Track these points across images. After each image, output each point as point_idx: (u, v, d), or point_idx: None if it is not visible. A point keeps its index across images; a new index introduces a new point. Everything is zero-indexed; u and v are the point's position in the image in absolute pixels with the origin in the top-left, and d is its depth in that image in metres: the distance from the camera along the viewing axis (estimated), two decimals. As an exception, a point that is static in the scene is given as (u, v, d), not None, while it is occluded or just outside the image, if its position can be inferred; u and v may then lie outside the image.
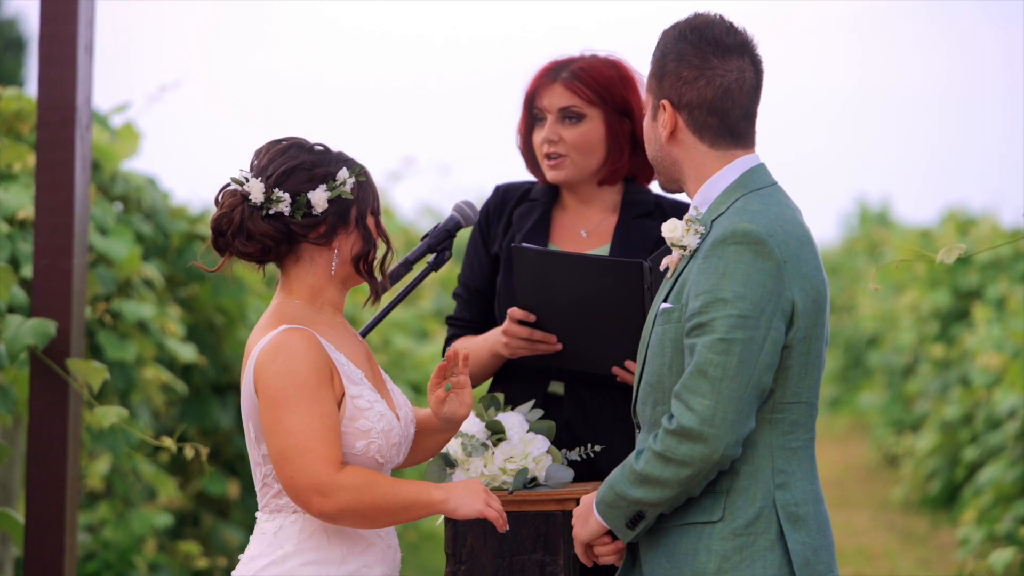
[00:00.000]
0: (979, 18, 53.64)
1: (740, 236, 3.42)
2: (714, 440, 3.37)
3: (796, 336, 3.44)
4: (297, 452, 3.39)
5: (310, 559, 3.48)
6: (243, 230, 3.51)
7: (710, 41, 3.55)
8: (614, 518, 3.51)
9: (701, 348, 3.40)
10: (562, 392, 4.33)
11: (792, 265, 3.44)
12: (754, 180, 3.55)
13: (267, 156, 3.54)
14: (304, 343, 3.44)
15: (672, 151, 3.58)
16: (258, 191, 3.50)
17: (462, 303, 4.48)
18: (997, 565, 7.14)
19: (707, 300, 3.41)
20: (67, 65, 5.21)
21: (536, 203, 4.44)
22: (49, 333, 5.03)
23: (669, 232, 3.54)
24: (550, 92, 4.35)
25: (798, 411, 3.49)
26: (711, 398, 3.38)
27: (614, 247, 4.37)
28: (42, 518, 5.17)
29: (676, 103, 3.56)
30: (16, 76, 27.44)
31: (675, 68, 3.55)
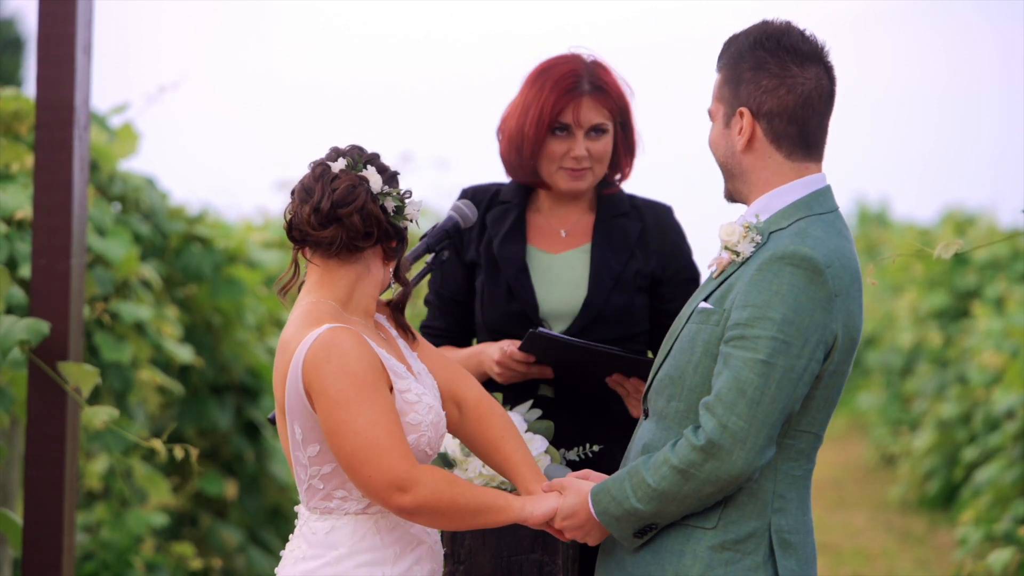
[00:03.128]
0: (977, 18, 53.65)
1: (799, 260, 3.39)
2: (742, 461, 3.36)
3: (828, 369, 3.44)
4: (372, 451, 3.39)
5: (365, 560, 3.49)
6: (364, 212, 3.48)
7: (788, 48, 3.52)
8: (621, 528, 3.48)
9: (741, 364, 3.37)
10: (552, 395, 4.32)
11: (841, 300, 3.42)
12: (820, 202, 3.53)
13: (368, 153, 3.56)
14: (354, 340, 3.44)
15: (745, 160, 3.55)
16: (376, 178, 3.51)
17: (435, 311, 4.44)
18: (995, 565, 7.14)
19: (755, 315, 3.38)
20: (65, 65, 5.21)
21: (509, 205, 4.41)
22: (42, 332, 5.02)
23: (726, 235, 3.51)
24: (581, 107, 4.29)
25: (807, 441, 3.48)
26: (746, 419, 3.35)
27: (595, 246, 4.35)
28: (40, 519, 5.17)
29: (755, 111, 3.51)
30: (14, 76, 27.43)
31: (753, 76, 3.51)
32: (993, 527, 8.96)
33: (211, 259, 7.36)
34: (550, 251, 4.39)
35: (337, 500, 3.51)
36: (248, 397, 8.01)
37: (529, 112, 4.31)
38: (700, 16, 28.46)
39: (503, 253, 4.34)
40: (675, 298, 4.32)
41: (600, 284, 4.30)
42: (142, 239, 6.91)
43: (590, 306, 4.29)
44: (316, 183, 3.51)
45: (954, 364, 12.60)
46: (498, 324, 4.32)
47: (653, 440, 3.54)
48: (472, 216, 4.25)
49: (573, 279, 4.35)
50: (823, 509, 12.43)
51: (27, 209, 5.76)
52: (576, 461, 4.22)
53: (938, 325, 13.23)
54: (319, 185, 3.50)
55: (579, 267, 4.36)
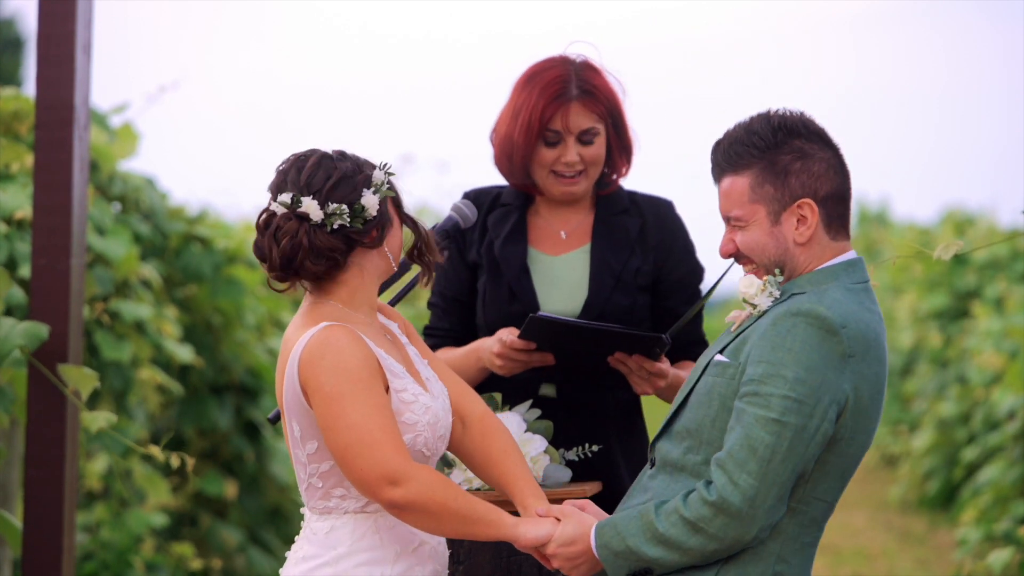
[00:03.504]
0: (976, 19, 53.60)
1: (813, 318, 3.37)
2: (751, 521, 3.34)
3: (842, 434, 3.41)
4: (364, 445, 3.39)
5: (364, 559, 3.48)
6: (314, 250, 3.48)
7: (816, 132, 3.51)
8: (617, 566, 3.46)
9: (753, 422, 3.35)
10: (553, 394, 4.32)
11: (855, 362, 3.39)
12: (849, 273, 3.50)
13: (304, 172, 3.51)
14: (349, 338, 3.44)
15: (800, 253, 3.51)
16: (315, 209, 3.47)
17: (439, 312, 4.43)
18: (995, 565, 7.14)
19: (768, 371, 3.36)
20: (65, 65, 5.21)
21: (510, 207, 4.39)
22: (40, 336, 5.02)
23: (745, 288, 3.49)
24: (569, 113, 4.26)
25: (820, 509, 3.46)
26: (757, 478, 3.33)
27: (595, 247, 4.35)
28: (40, 519, 5.17)
29: (815, 198, 3.48)
30: (14, 76, 27.43)
31: (803, 165, 3.47)
32: (993, 527, 8.96)
33: (211, 259, 7.36)
34: (551, 253, 4.38)
35: (336, 499, 3.51)
36: (248, 397, 8.01)
37: (518, 119, 4.29)
38: (700, 16, 28.49)
39: (504, 255, 4.34)
40: (673, 294, 4.31)
41: (601, 284, 4.30)
42: (142, 239, 6.91)
43: (591, 307, 4.29)
44: (263, 239, 3.52)
45: (954, 364, 12.59)
46: (499, 325, 4.31)
47: (663, 493, 3.50)
48: (472, 216, 4.25)
49: (574, 280, 4.34)
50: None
51: (27, 209, 5.76)
52: (575, 461, 4.22)
53: (938, 325, 13.23)
54: (266, 241, 3.51)
55: (580, 268, 4.35)
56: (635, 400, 4.38)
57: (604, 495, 4.20)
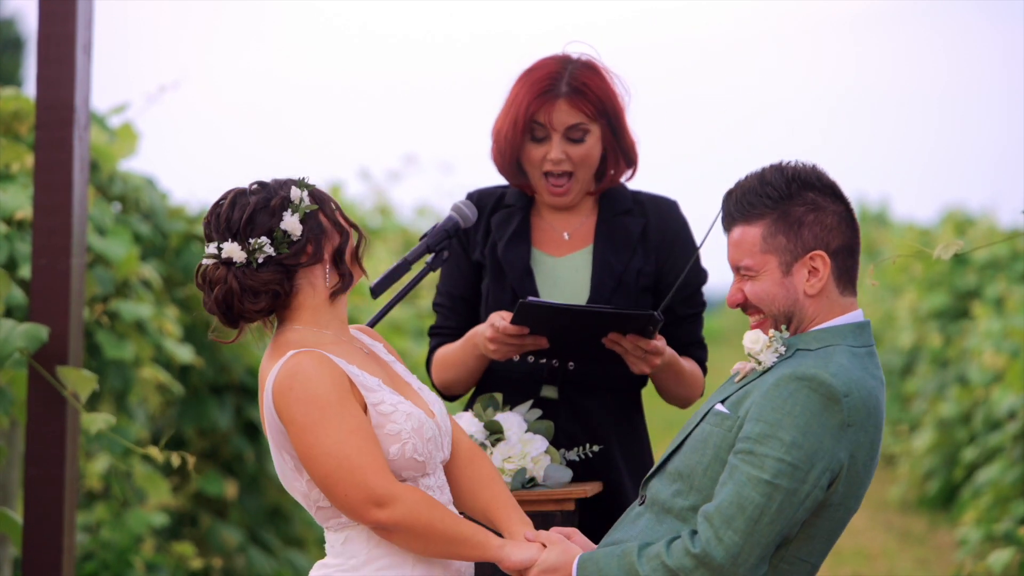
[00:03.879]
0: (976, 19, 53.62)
1: (817, 384, 3.38)
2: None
3: (832, 500, 3.42)
4: (344, 470, 3.39)
5: (383, 564, 3.47)
6: (247, 290, 3.48)
7: (829, 185, 3.52)
8: None
9: (745, 480, 3.36)
10: (555, 396, 4.31)
11: (854, 431, 3.40)
12: (856, 336, 3.50)
13: (221, 217, 3.51)
14: (315, 362, 3.43)
15: (810, 305, 3.52)
16: (236, 250, 3.48)
17: (445, 312, 4.43)
18: (995, 566, 7.14)
19: (765, 431, 3.37)
20: (65, 65, 5.21)
21: (513, 208, 4.39)
22: (40, 338, 5.02)
23: (750, 344, 3.49)
24: (554, 109, 4.26)
25: (804, 570, 3.47)
26: (742, 536, 3.34)
27: (597, 248, 4.34)
28: (40, 518, 5.17)
29: (827, 251, 3.49)
30: (14, 76, 27.42)
31: (816, 217, 3.48)
32: (993, 527, 8.95)
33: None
34: (554, 254, 4.38)
35: (345, 518, 3.49)
36: (248, 397, 8.01)
37: (509, 114, 4.30)
38: (700, 16, 28.49)
39: (507, 257, 4.34)
40: (675, 294, 4.30)
41: (601, 286, 4.29)
42: (142, 239, 6.91)
43: (592, 307, 4.28)
44: (203, 293, 3.54)
45: (954, 364, 12.59)
46: (503, 328, 4.31)
47: (648, 534, 3.51)
48: (472, 216, 4.25)
49: (576, 282, 4.34)
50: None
51: (27, 209, 5.76)
52: (576, 461, 4.22)
53: (938, 325, 13.22)
54: (205, 294, 3.54)
55: (582, 269, 4.35)
56: (636, 400, 4.38)
57: (604, 495, 4.20)
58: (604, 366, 4.23)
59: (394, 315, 9.61)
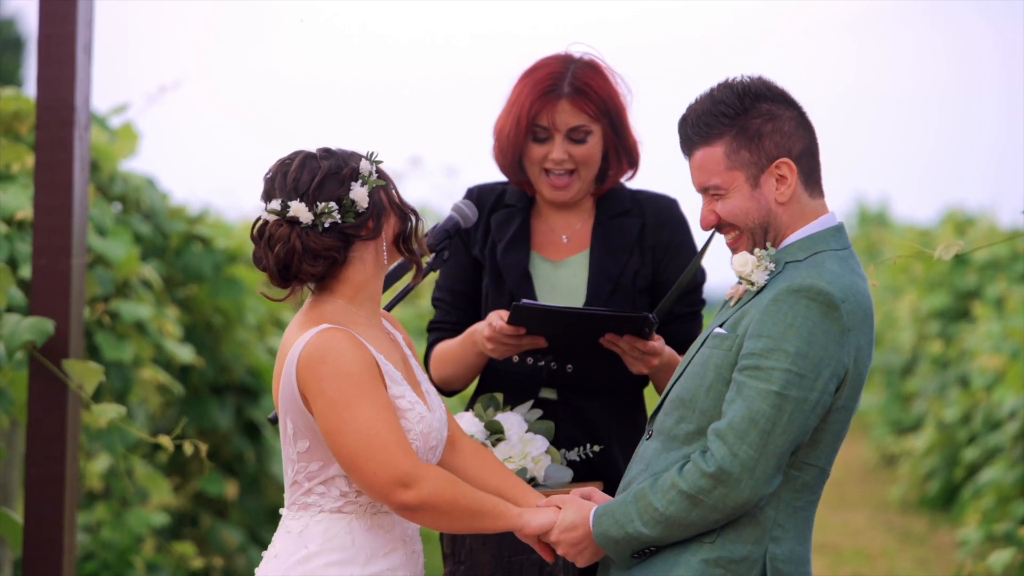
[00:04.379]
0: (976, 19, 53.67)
1: (816, 293, 3.42)
2: (750, 490, 3.38)
3: (837, 403, 3.46)
4: (374, 448, 3.40)
5: (334, 559, 3.49)
6: (309, 252, 3.48)
7: (779, 93, 3.56)
8: (619, 551, 3.50)
9: (755, 395, 3.39)
10: (554, 397, 4.31)
11: (854, 334, 3.44)
12: (836, 239, 3.55)
13: (289, 176, 3.51)
14: (349, 342, 3.45)
15: (783, 213, 3.56)
16: (304, 212, 3.48)
17: (445, 307, 4.43)
18: (996, 566, 7.14)
19: (769, 346, 3.41)
20: (66, 65, 5.21)
21: (514, 210, 4.39)
22: (47, 331, 5.03)
23: (740, 267, 3.53)
24: (557, 110, 4.26)
25: (812, 474, 3.50)
26: (757, 449, 3.38)
27: (594, 251, 4.34)
28: (41, 518, 5.17)
29: (791, 157, 3.53)
30: (14, 76, 27.42)
31: (774, 126, 3.52)
32: (994, 527, 8.95)
33: (211, 259, 7.36)
34: (553, 258, 4.37)
35: (315, 496, 3.52)
36: (248, 397, 8.01)
37: (511, 113, 4.30)
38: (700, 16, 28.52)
39: (507, 261, 4.33)
40: (673, 293, 4.29)
41: (598, 290, 4.29)
42: (142, 239, 6.91)
43: (589, 312, 4.28)
44: (259, 248, 3.54)
45: (955, 365, 12.59)
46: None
47: (657, 460, 3.55)
48: (472, 216, 4.25)
49: (574, 286, 4.34)
50: (823, 508, 12.41)
51: (27, 209, 5.76)
52: (576, 461, 4.22)
53: (939, 326, 13.22)
54: (261, 251, 3.53)
55: (580, 273, 4.35)
56: (636, 401, 4.38)
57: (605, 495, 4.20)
58: (603, 367, 4.23)
59: (395, 314, 9.63)
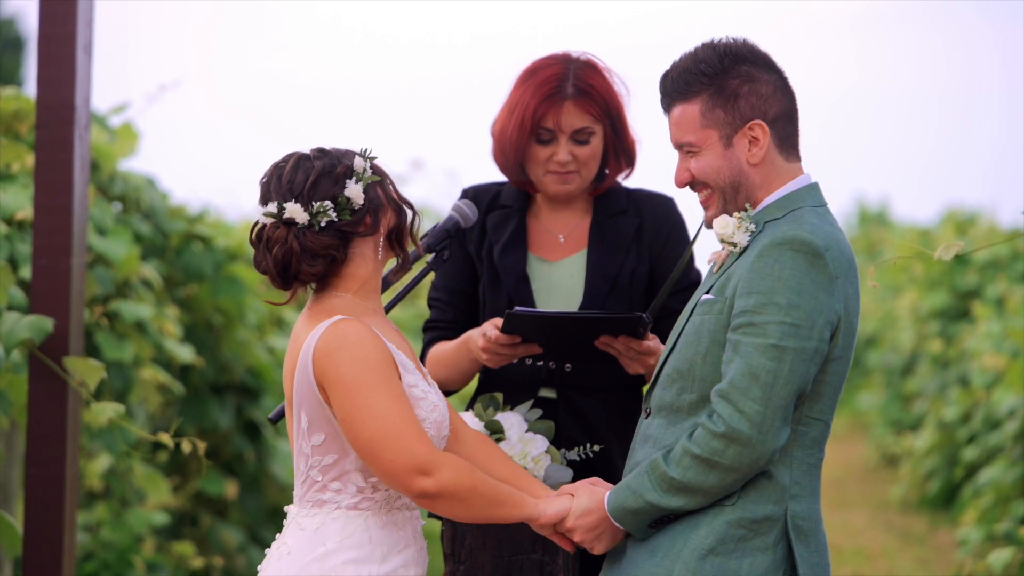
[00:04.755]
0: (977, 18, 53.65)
1: (799, 244, 3.44)
2: (762, 445, 3.40)
3: (834, 353, 3.48)
4: (392, 435, 3.41)
5: (352, 557, 3.49)
6: (307, 252, 3.51)
7: (762, 56, 3.59)
8: (637, 522, 3.52)
9: (752, 350, 3.41)
10: (554, 396, 4.32)
11: (841, 282, 3.47)
12: (812, 196, 3.58)
13: (284, 178, 3.53)
14: (366, 330, 3.47)
15: (756, 173, 3.58)
16: (300, 212, 3.50)
17: (442, 306, 4.43)
18: (996, 565, 7.13)
19: (761, 301, 3.43)
20: (66, 65, 5.21)
21: (510, 210, 4.39)
22: (46, 329, 5.03)
23: (720, 229, 3.56)
24: (562, 112, 4.26)
25: (818, 428, 3.53)
26: (762, 403, 3.39)
27: (591, 250, 4.34)
28: (41, 518, 5.17)
29: (766, 119, 3.56)
30: (15, 76, 27.43)
31: (750, 88, 3.55)
32: (994, 527, 8.96)
33: (212, 258, 7.36)
34: (549, 259, 4.38)
35: (331, 492, 3.52)
36: (249, 397, 8.01)
37: (513, 115, 4.30)
38: (700, 16, 28.52)
39: (504, 263, 4.34)
40: (670, 293, 4.29)
41: (595, 290, 4.30)
42: (143, 239, 6.91)
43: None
44: (258, 252, 3.56)
45: (955, 364, 12.60)
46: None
47: (664, 435, 3.56)
48: (473, 216, 4.25)
49: (571, 287, 4.34)
50: (824, 508, 12.39)
51: (28, 209, 5.76)
52: (576, 461, 4.22)
53: (939, 325, 13.23)
54: (261, 254, 3.55)
55: (577, 274, 4.35)
56: (636, 399, 4.38)
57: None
58: (602, 367, 4.24)
59: (395, 314, 9.62)
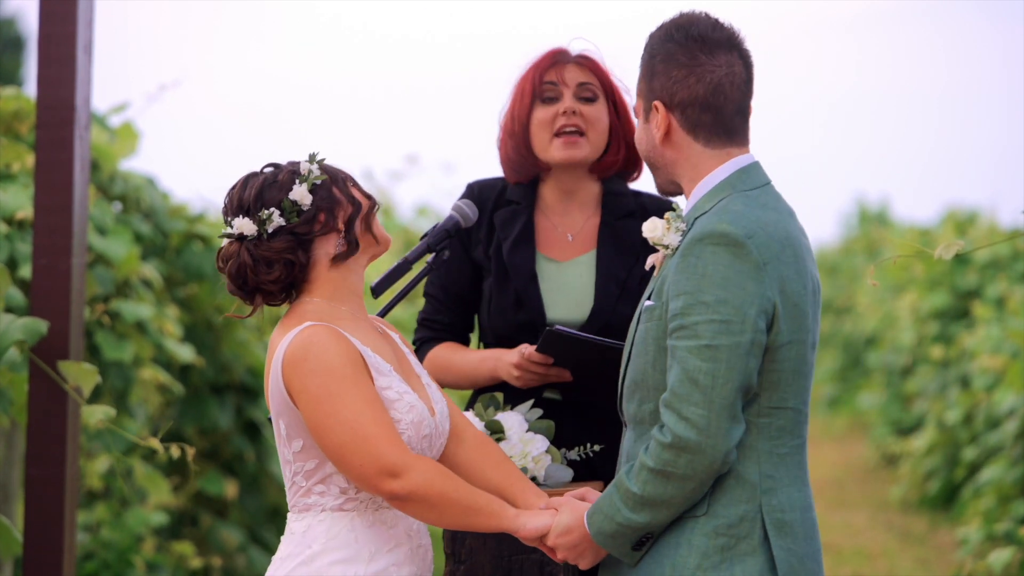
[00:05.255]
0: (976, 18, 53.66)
1: (718, 237, 3.39)
2: (712, 449, 3.35)
3: (779, 340, 3.41)
4: (359, 440, 3.41)
5: (338, 558, 3.49)
6: (259, 261, 3.54)
7: (696, 38, 3.54)
8: (618, 545, 3.47)
9: (687, 354, 3.36)
10: (557, 397, 4.32)
11: (772, 267, 3.40)
12: (744, 180, 3.53)
13: (234, 197, 3.58)
14: (331, 336, 3.46)
15: (667, 153, 3.56)
16: (247, 225, 3.54)
17: (437, 305, 4.42)
18: (995, 565, 7.14)
19: (688, 302, 3.38)
20: (66, 65, 5.21)
21: (517, 207, 4.39)
22: (39, 331, 5.02)
23: (650, 232, 3.52)
24: (566, 69, 4.32)
25: (785, 417, 3.46)
26: (704, 407, 3.34)
27: (600, 251, 4.35)
28: (41, 518, 5.17)
29: (668, 103, 3.54)
30: (15, 76, 27.43)
31: (664, 68, 3.54)
32: (994, 527, 8.96)
33: (212, 257, 7.36)
34: (558, 258, 4.37)
35: (315, 496, 3.52)
36: (249, 397, 8.01)
37: (517, 90, 4.35)
38: (701, 16, 28.43)
39: (513, 261, 4.33)
40: None
41: (606, 293, 4.30)
42: (143, 238, 6.91)
43: (597, 316, 4.28)
44: (221, 272, 3.62)
45: (955, 365, 12.60)
46: (505, 332, 4.32)
47: (632, 448, 3.55)
48: (473, 216, 4.25)
49: (580, 288, 4.34)
50: (824, 508, 12.43)
51: (28, 209, 5.77)
52: (577, 461, 4.21)
53: (939, 326, 13.23)
54: (224, 273, 3.62)
55: (586, 275, 4.35)
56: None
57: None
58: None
59: (395, 314, 9.62)
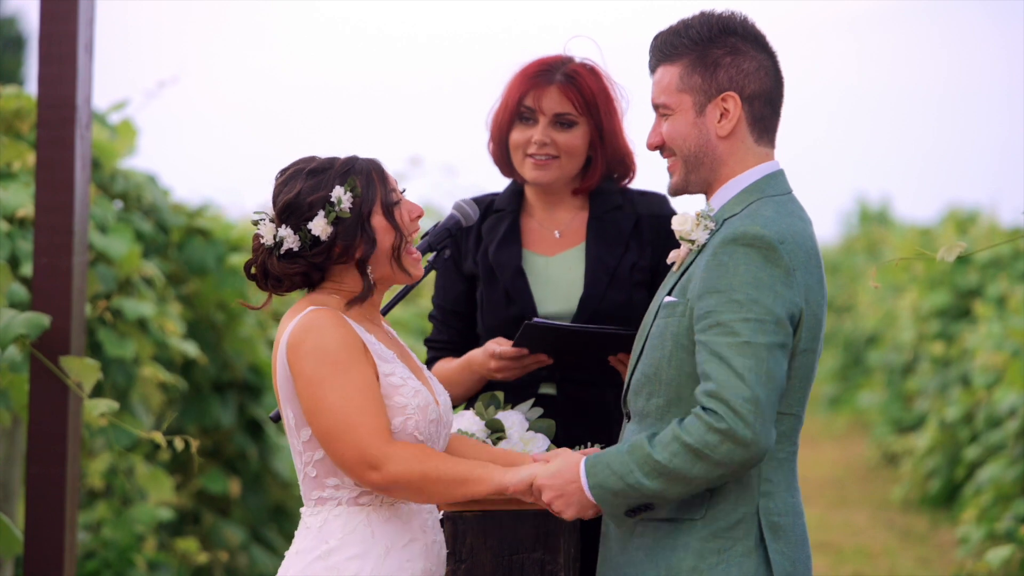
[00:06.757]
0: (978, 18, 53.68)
1: (751, 239, 3.41)
2: (756, 445, 3.35)
3: (798, 347, 3.44)
4: (342, 428, 3.43)
5: (354, 553, 3.50)
6: (269, 275, 3.57)
7: (754, 35, 3.57)
8: (616, 504, 3.44)
9: (729, 351, 3.36)
10: (554, 392, 4.33)
11: (800, 274, 3.43)
12: (772, 185, 3.55)
13: (276, 186, 3.57)
14: (331, 320, 3.47)
15: (722, 147, 3.55)
16: (268, 233, 3.55)
17: (439, 325, 4.46)
18: (994, 562, 7.14)
19: (721, 300, 3.39)
20: (67, 64, 5.21)
21: (503, 213, 4.41)
22: (42, 325, 5.03)
23: (679, 226, 3.53)
24: (545, 94, 4.30)
25: (787, 422, 3.49)
26: (753, 403, 3.34)
27: (589, 244, 4.35)
28: (42, 516, 5.17)
29: (741, 94, 3.54)
30: (16, 74, 27.43)
31: (732, 60, 3.53)
32: (994, 526, 8.96)
33: (214, 251, 7.36)
34: (545, 253, 4.39)
35: (330, 488, 3.53)
36: (251, 394, 8.01)
37: (502, 99, 4.35)
38: (702, 15, 28.44)
39: (499, 259, 4.35)
40: None
41: (596, 281, 4.31)
42: (144, 236, 6.91)
43: (587, 303, 4.29)
44: None
45: (956, 363, 12.60)
46: (499, 330, 4.33)
47: None
48: (474, 215, 4.26)
49: (570, 279, 4.35)
50: (824, 508, 12.43)
51: (29, 207, 5.77)
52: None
53: (940, 324, 13.22)
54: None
55: (575, 267, 4.36)
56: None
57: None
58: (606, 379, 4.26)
59: (395, 314, 9.62)
